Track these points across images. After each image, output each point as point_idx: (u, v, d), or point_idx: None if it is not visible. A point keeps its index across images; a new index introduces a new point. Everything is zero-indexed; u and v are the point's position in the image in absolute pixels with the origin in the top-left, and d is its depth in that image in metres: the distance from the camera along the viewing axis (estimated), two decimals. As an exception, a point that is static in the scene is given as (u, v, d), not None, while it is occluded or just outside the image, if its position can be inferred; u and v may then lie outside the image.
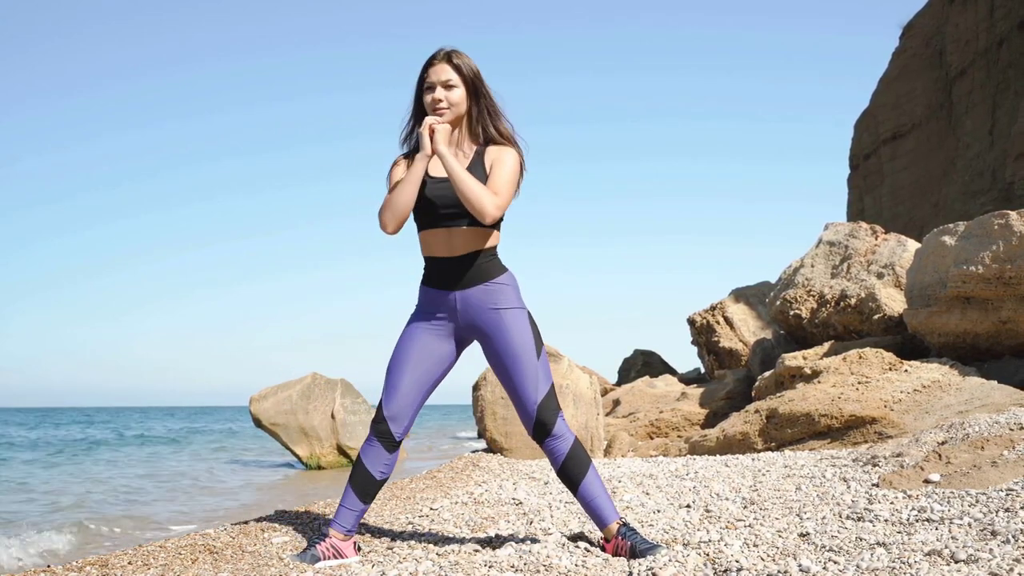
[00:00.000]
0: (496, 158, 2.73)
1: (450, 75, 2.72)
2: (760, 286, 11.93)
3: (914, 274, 7.34)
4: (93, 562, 2.87)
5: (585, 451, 2.75)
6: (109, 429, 28.93)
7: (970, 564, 2.13)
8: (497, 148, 2.76)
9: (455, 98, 2.72)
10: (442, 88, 2.72)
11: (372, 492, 2.80)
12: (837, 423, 5.87)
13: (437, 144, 2.64)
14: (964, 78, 18.03)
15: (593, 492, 2.71)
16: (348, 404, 10.73)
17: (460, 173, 2.60)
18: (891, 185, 21.05)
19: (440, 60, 2.75)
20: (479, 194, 2.58)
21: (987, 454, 3.76)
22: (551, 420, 2.71)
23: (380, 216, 2.68)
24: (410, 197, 2.65)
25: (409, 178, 2.65)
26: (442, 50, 2.77)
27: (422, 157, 2.65)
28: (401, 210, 2.65)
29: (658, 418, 9.13)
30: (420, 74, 2.78)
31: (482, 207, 2.58)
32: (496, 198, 2.62)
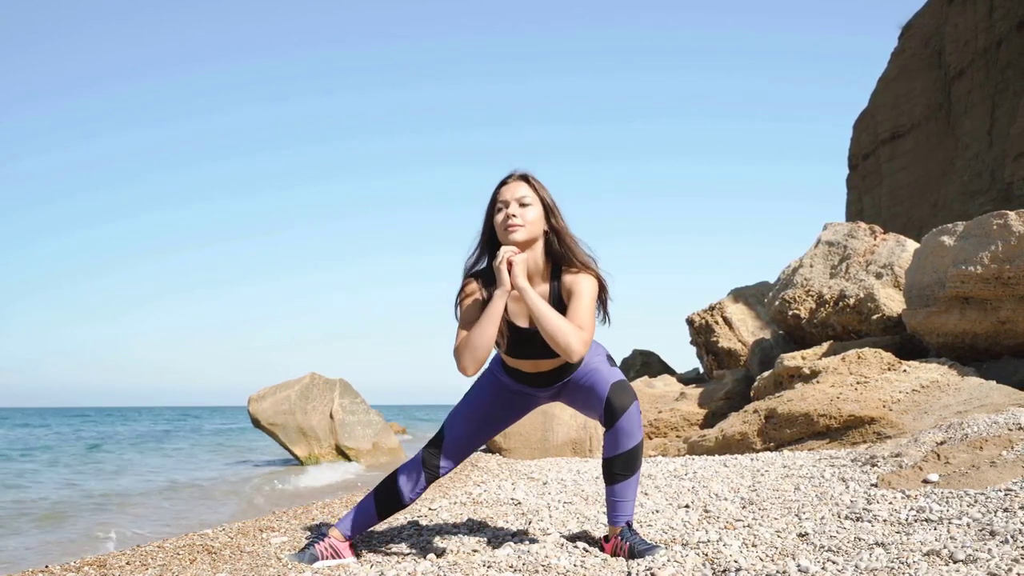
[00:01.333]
0: (573, 286, 2.60)
1: (525, 192, 2.60)
2: (759, 286, 11.92)
3: (913, 274, 7.34)
4: (91, 562, 2.87)
5: (641, 458, 2.65)
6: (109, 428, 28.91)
7: (969, 564, 2.12)
8: (573, 276, 2.62)
9: (530, 216, 2.59)
10: (516, 205, 2.59)
11: (392, 511, 2.79)
12: (836, 423, 5.87)
13: (516, 278, 2.51)
14: (963, 78, 18.03)
15: (623, 494, 2.65)
16: (347, 404, 10.73)
17: (544, 310, 2.49)
18: (890, 185, 21.05)
19: (515, 179, 2.64)
20: (565, 333, 2.47)
21: (986, 454, 3.76)
22: (626, 401, 2.59)
23: (459, 358, 2.54)
24: (491, 339, 2.52)
25: (489, 317, 2.52)
26: (517, 171, 2.67)
27: (501, 293, 2.52)
28: (483, 354, 2.53)
29: (657, 418, 9.12)
30: (492, 195, 2.65)
31: (568, 347, 2.47)
32: (582, 333, 2.50)
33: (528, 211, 2.59)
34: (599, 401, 2.62)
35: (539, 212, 2.61)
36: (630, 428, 2.59)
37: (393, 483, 2.76)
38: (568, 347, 2.47)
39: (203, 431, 26.60)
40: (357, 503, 2.82)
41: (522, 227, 2.57)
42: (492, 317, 2.52)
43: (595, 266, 2.67)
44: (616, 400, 2.59)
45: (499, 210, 2.61)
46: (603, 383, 2.65)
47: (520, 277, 2.51)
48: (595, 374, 2.70)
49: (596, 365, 2.72)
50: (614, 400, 2.59)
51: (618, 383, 2.63)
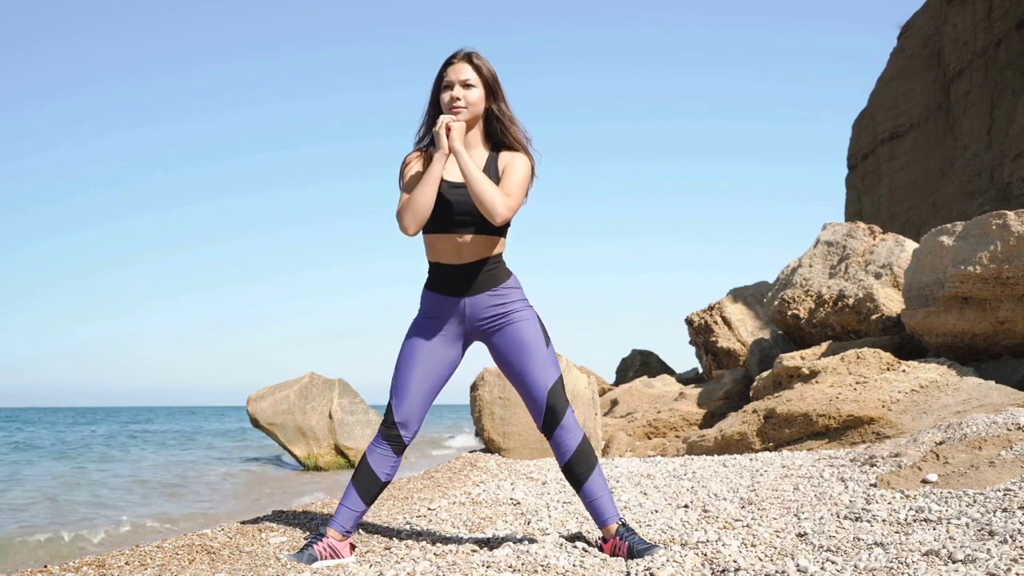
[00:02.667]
0: (508, 162, 2.73)
1: (469, 75, 2.72)
2: (758, 286, 11.93)
3: (912, 274, 7.34)
4: (90, 562, 2.87)
5: (592, 450, 2.75)
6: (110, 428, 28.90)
7: (968, 564, 2.12)
8: (510, 153, 2.76)
9: (473, 98, 2.72)
10: (460, 87, 2.71)
11: (375, 493, 2.80)
12: (835, 423, 5.87)
13: (453, 142, 2.63)
14: (962, 78, 18.04)
15: (596, 491, 2.71)
16: (346, 404, 10.73)
17: (475, 172, 2.60)
18: (889, 185, 21.06)
19: (460, 59, 2.75)
20: (492, 195, 2.58)
21: (985, 454, 3.76)
22: (561, 409, 2.71)
23: (400, 218, 2.66)
24: (430, 198, 2.63)
25: (428, 178, 2.63)
26: (462, 50, 2.77)
27: (440, 156, 2.64)
28: (422, 211, 2.63)
29: (656, 418, 9.13)
30: (438, 72, 2.77)
31: (494, 207, 2.58)
32: (508, 199, 2.62)
33: (471, 92, 2.72)
34: (536, 407, 2.72)
35: (481, 93, 2.74)
36: (571, 430, 2.72)
37: (365, 467, 2.78)
38: (493, 207, 2.58)
39: (201, 431, 26.58)
40: (341, 499, 2.82)
41: (464, 108, 2.71)
42: (432, 178, 2.63)
43: (529, 146, 2.80)
44: (554, 408, 2.71)
45: (444, 89, 2.73)
46: (539, 387, 2.71)
47: (456, 141, 2.63)
48: (529, 358, 2.71)
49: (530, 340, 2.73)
50: (553, 408, 2.71)
51: (553, 389, 2.71)
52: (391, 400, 2.79)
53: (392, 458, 2.78)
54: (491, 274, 2.74)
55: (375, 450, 2.78)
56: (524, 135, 2.80)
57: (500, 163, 2.74)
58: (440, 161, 2.63)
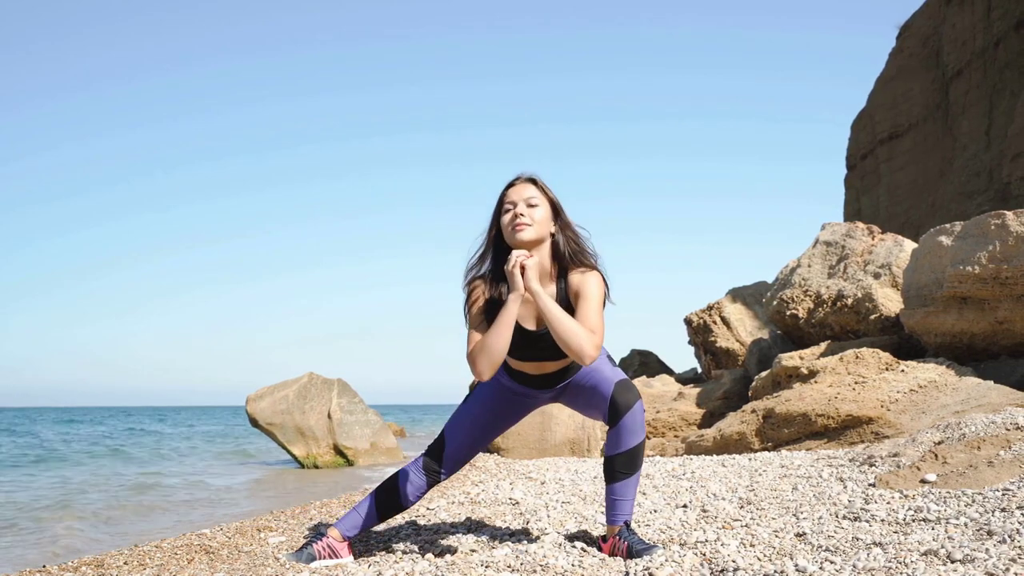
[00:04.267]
0: (581, 286, 2.61)
1: (533, 193, 2.63)
2: (757, 286, 11.93)
3: (911, 274, 7.34)
4: (89, 562, 2.87)
5: (642, 457, 2.68)
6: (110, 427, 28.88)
7: (966, 564, 2.13)
8: (580, 275, 2.64)
9: (538, 216, 2.61)
10: (524, 205, 2.61)
11: (392, 514, 2.81)
12: (834, 423, 5.87)
13: (530, 282, 2.51)
14: (961, 78, 18.04)
15: (624, 493, 2.67)
16: (345, 404, 10.72)
17: (557, 314, 2.49)
18: (888, 185, 21.06)
19: (522, 181, 2.67)
20: (578, 337, 2.47)
21: (983, 454, 3.76)
22: (630, 399, 2.61)
23: (474, 363, 2.55)
24: (506, 343, 2.53)
25: (503, 321, 2.52)
26: (524, 173, 2.69)
27: (515, 298, 2.52)
28: (498, 357, 2.53)
29: (655, 418, 9.13)
30: (499, 196, 2.68)
31: (582, 350, 2.48)
32: (593, 337, 2.51)
33: (536, 211, 2.61)
34: (603, 400, 2.65)
35: (547, 212, 2.63)
36: (633, 426, 2.61)
37: (394, 485, 2.77)
38: (581, 351, 2.48)
39: (201, 431, 26.57)
40: (356, 503, 2.82)
41: (530, 226, 2.59)
42: (507, 321, 2.52)
43: (599, 266, 2.69)
44: (620, 398, 2.62)
45: (507, 210, 2.63)
46: (606, 382, 2.67)
47: (533, 281, 2.51)
48: (597, 373, 2.72)
49: (597, 365, 2.75)
50: (618, 398, 2.62)
51: (622, 381, 2.66)
52: (446, 440, 2.77)
53: (423, 488, 2.78)
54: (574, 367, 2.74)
55: (411, 476, 2.77)
56: (593, 256, 2.70)
57: (571, 289, 2.63)
58: (516, 303, 2.52)
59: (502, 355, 2.53)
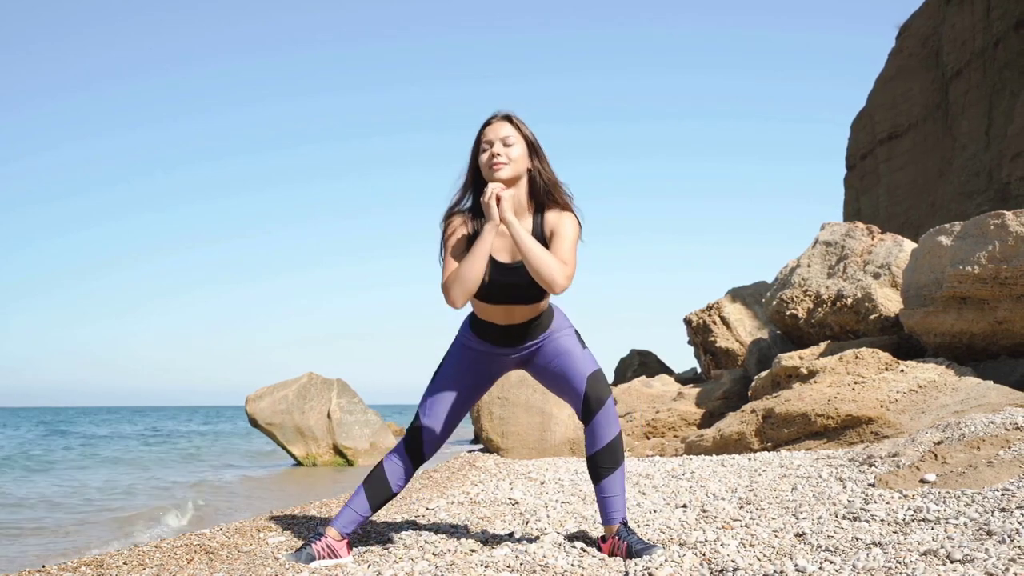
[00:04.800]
0: (556, 225, 2.66)
1: (509, 132, 2.67)
2: (756, 286, 11.93)
3: (910, 274, 7.34)
4: (88, 562, 2.87)
5: (623, 448, 2.73)
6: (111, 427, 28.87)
7: (966, 564, 2.13)
8: (556, 214, 2.69)
9: (514, 155, 2.65)
10: (501, 144, 2.65)
11: (383, 502, 2.82)
12: (833, 423, 5.87)
13: (504, 212, 2.55)
14: (960, 78, 18.05)
15: (613, 489, 2.70)
16: (344, 404, 10.72)
17: (530, 243, 2.54)
18: (887, 185, 21.06)
19: (498, 119, 2.71)
20: (551, 266, 2.52)
21: (983, 454, 3.76)
22: (602, 396, 2.68)
23: (447, 291, 2.58)
24: (479, 271, 2.56)
25: (477, 251, 2.56)
26: (500, 111, 2.73)
27: (491, 227, 2.56)
28: (471, 285, 2.56)
29: (654, 418, 9.12)
30: (476, 136, 2.72)
31: (553, 279, 2.52)
32: (565, 268, 2.56)
33: (512, 150, 2.65)
34: (575, 394, 2.71)
35: (523, 151, 2.68)
36: (608, 420, 2.69)
37: (380, 474, 2.79)
38: (552, 279, 2.52)
39: (200, 431, 26.55)
40: (348, 499, 2.83)
41: (507, 164, 2.64)
42: (482, 250, 2.56)
43: (573, 205, 2.75)
44: (593, 394, 2.68)
45: (484, 150, 2.68)
46: (578, 375, 2.71)
47: (508, 211, 2.55)
48: (567, 358, 2.74)
49: (567, 346, 2.76)
50: (591, 395, 2.68)
51: (594, 375, 2.71)
52: (422, 418, 2.78)
53: (409, 472, 2.80)
54: (540, 325, 2.76)
55: (393, 460, 2.79)
56: (569, 195, 2.74)
57: (547, 226, 2.68)
58: (491, 232, 2.56)
59: (476, 284, 2.57)
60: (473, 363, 2.81)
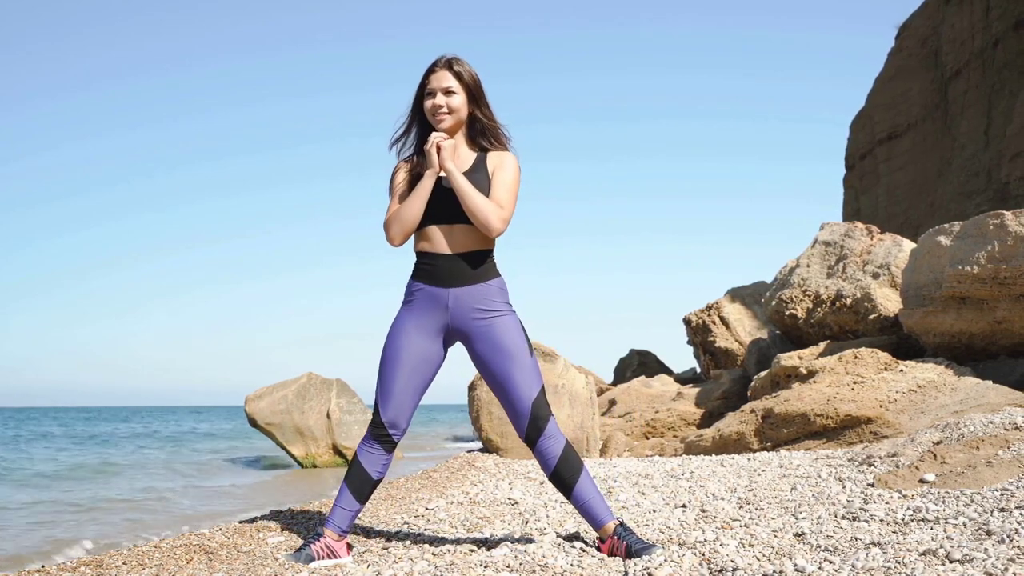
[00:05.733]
0: (498, 165, 2.77)
1: (451, 82, 2.76)
2: (756, 286, 11.93)
3: (910, 274, 7.35)
4: (87, 562, 2.87)
5: (576, 453, 2.75)
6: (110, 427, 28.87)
7: (965, 564, 2.13)
8: (498, 155, 2.80)
9: (455, 104, 2.76)
10: (443, 94, 2.76)
11: (368, 492, 2.81)
12: (833, 423, 5.87)
13: (445, 161, 2.69)
14: (959, 78, 18.06)
15: (586, 494, 2.71)
16: (344, 404, 10.72)
17: (468, 189, 2.66)
18: (887, 185, 21.07)
19: (441, 67, 2.79)
20: (485, 209, 2.65)
21: (982, 454, 3.76)
22: (544, 418, 2.71)
23: (387, 229, 2.75)
24: (418, 213, 2.71)
25: (418, 194, 2.71)
26: (443, 57, 2.81)
27: (430, 174, 2.70)
28: (410, 225, 2.72)
29: (654, 418, 9.13)
30: (421, 80, 2.82)
31: (488, 222, 2.66)
32: (502, 211, 2.69)
33: (453, 99, 2.76)
34: (519, 417, 2.72)
35: (463, 98, 2.78)
36: (553, 439, 2.72)
37: (357, 466, 2.79)
38: (487, 222, 2.65)
39: (200, 431, 26.55)
40: (335, 499, 2.82)
41: (448, 115, 2.76)
42: (421, 194, 2.71)
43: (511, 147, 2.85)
44: (538, 420, 2.70)
45: (427, 97, 2.78)
46: (523, 399, 2.69)
47: (448, 160, 2.69)
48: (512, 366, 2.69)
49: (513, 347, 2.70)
50: (535, 423, 2.70)
51: (537, 401, 2.70)
52: (377, 400, 2.79)
53: (383, 456, 2.78)
54: (479, 268, 2.73)
55: (365, 449, 2.79)
56: (506, 135, 2.86)
57: (489, 164, 2.78)
58: (430, 179, 2.71)
59: (414, 223, 2.72)
60: (414, 330, 2.75)
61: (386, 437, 2.76)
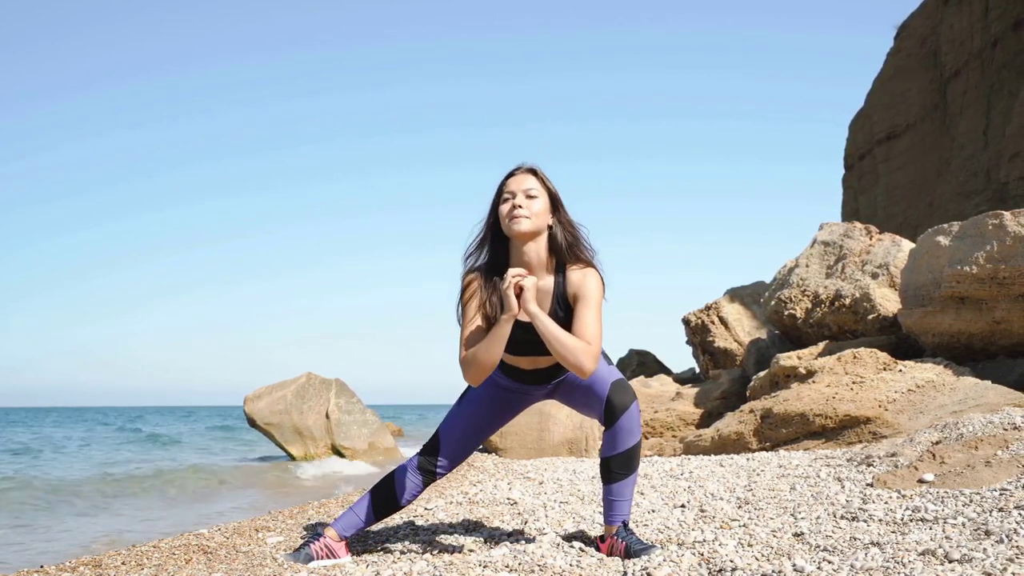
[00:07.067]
0: (579, 288, 2.58)
1: (532, 184, 2.60)
2: (755, 286, 11.93)
3: (908, 274, 7.35)
4: (86, 562, 2.87)
5: (639, 457, 2.68)
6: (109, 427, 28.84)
7: (964, 564, 2.13)
8: (579, 273, 2.61)
9: (536, 208, 2.58)
10: (523, 196, 2.58)
11: (388, 513, 2.80)
12: (832, 423, 5.87)
13: (527, 303, 2.49)
14: (959, 78, 18.06)
15: (621, 494, 2.67)
16: (343, 404, 10.72)
17: (555, 333, 2.48)
18: (886, 185, 21.08)
19: (523, 171, 2.65)
20: (575, 352, 2.47)
21: (981, 454, 3.76)
22: (627, 400, 2.61)
23: (466, 371, 2.56)
24: (496, 357, 2.53)
25: (497, 338, 2.50)
26: (524, 163, 2.67)
27: (508, 318, 2.49)
28: (489, 370, 2.55)
29: (653, 418, 9.13)
30: (498, 186, 2.65)
31: (579, 365, 2.48)
32: (591, 348, 2.49)
33: (535, 203, 2.58)
34: (599, 400, 2.63)
35: (545, 204, 2.61)
36: (630, 427, 2.62)
37: (390, 485, 2.77)
38: (579, 365, 2.47)
39: (199, 431, 26.52)
40: (354, 503, 2.82)
41: (528, 218, 2.56)
42: (499, 337, 2.51)
43: (596, 262, 2.67)
44: (616, 399, 2.61)
45: (505, 200, 2.61)
46: (602, 382, 2.66)
47: (531, 303, 2.49)
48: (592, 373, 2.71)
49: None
50: (615, 399, 2.61)
51: (618, 382, 2.65)
52: (441, 438, 2.77)
53: (419, 488, 2.77)
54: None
55: (407, 475, 2.76)
56: (590, 249, 2.67)
57: (570, 286, 2.60)
58: (508, 324, 2.50)
59: (492, 368, 2.54)
60: (502, 395, 2.80)
61: (432, 473, 2.76)
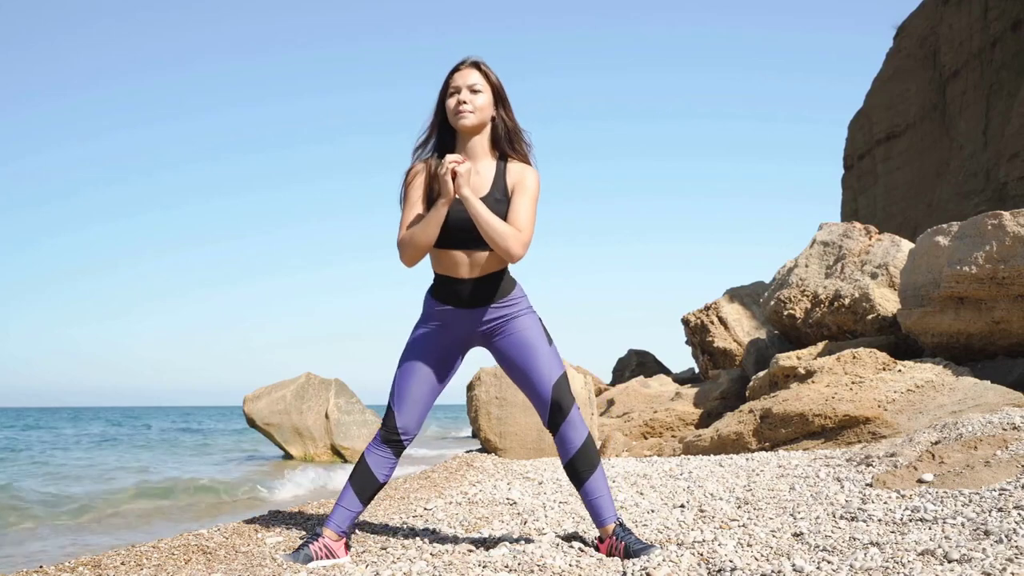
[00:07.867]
0: (519, 180, 2.69)
1: (476, 80, 2.70)
2: (754, 286, 11.94)
3: (908, 274, 7.35)
4: (86, 562, 2.86)
5: (596, 449, 2.75)
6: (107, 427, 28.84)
7: (963, 564, 2.13)
8: (519, 168, 2.72)
9: (480, 102, 2.68)
10: (468, 91, 2.68)
11: (371, 494, 2.81)
12: (831, 423, 5.88)
13: (461, 188, 2.57)
14: (958, 79, 18.07)
15: (597, 491, 2.72)
16: (342, 404, 10.72)
17: (485, 217, 2.56)
18: (885, 185, 21.09)
19: (467, 66, 2.73)
20: (504, 235, 2.56)
21: (980, 454, 3.76)
22: (567, 404, 2.71)
23: (401, 251, 2.66)
24: (432, 239, 2.61)
25: (432, 221, 2.59)
26: (469, 58, 2.75)
27: (444, 202, 2.57)
28: (424, 251, 2.65)
29: (652, 418, 9.13)
30: (445, 80, 2.74)
31: (508, 248, 2.57)
32: (521, 235, 2.59)
33: (478, 97, 2.69)
34: (541, 402, 2.72)
35: (489, 98, 2.71)
36: (576, 425, 2.72)
37: (364, 468, 2.79)
38: (508, 249, 2.57)
39: (198, 431, 26.51)
40: (338, 498, 2.83)
41: (472, 112, 2.67)
42: (434, 222, 2.60)
43: (531, 154, 2.78)
44: (560, 403, 2.70)
45: (451, 95, 2.70)
46: (544, 381, 2.70)
47: (464, 187, 2.57)
48: (532, 354, 2.71)
49: (532, 339, 2.73)
50: (557, 404, 2.70)
51: (558, 383, 2.71)
52: (393, 405, 2.79)
53: (391, 460, 2.80)
54: (499, 287, 2.73)
55: (374, 452, 2.79)
56: (528, 143, 2.78)
57: (509, 178, 2.69)
58: (445, 207, 2.58)
59: (427, 248, 2.65)
60: (437, 336, 2.77)
61: (397, 442, 2.78)
